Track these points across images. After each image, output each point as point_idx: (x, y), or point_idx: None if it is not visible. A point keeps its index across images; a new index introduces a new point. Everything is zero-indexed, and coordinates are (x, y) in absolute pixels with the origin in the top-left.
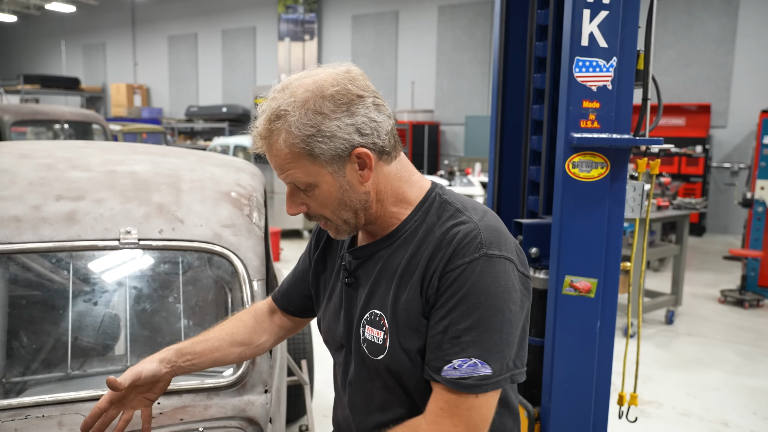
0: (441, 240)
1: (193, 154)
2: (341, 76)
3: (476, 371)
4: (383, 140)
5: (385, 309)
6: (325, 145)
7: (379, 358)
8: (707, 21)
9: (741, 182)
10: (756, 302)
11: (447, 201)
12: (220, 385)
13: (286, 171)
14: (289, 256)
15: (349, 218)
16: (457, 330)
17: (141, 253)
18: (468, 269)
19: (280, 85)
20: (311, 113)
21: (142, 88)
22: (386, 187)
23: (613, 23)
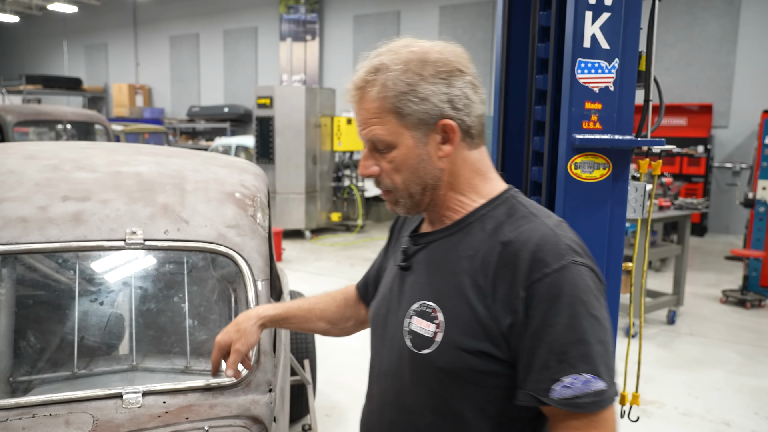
0: (515, 243)
1: (198, 154)
2: (448, 48)
3: (590, 386)
4: (471, 120)
5: (441, 302)
6: (415, 106)
7: (423, 352)
8: (709, 21)
9: (743, 182)
10: (758, 302)
11: (521, 203)
12: (224, 385)
13: (370, 126)
14: (291, 256)
15: (416, 192)
16: (562, 345)
17: (146, 254)
18: (559, 278)
19: (386, 47)
20: (410, 72)
21: (143, 88)
22: (461, 171)
23: (615, 25)
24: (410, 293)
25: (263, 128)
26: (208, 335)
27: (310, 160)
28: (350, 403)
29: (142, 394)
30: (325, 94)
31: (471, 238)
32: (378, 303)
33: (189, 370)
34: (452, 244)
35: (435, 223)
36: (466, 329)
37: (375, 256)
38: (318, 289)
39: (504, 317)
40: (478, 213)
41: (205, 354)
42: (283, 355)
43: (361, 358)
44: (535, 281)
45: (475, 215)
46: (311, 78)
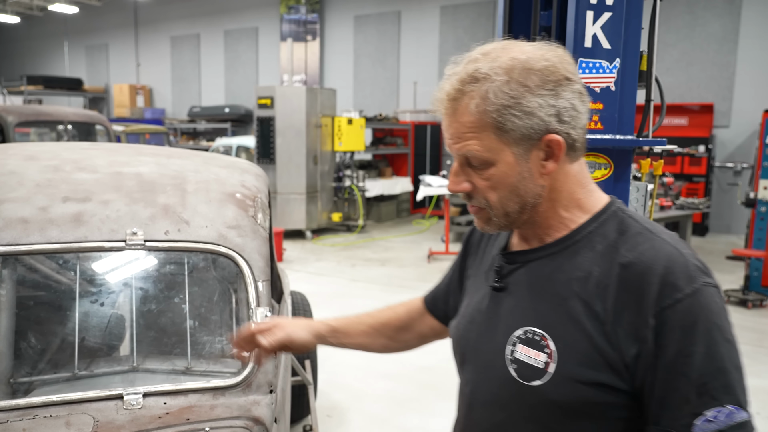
0: (638, 264)
1: (198, 155)
2: (551, 53)
3: (733, 418)
4: (577, 133)
5: (551, 329)
6: (519, 121)
7: (533, 384)
8: (710, 21)
9: (744, 182)
10: (759, 302)
11: (631, 217)
12: (225, 386)
13: (465, 141)
14: (291, 257)
15: (513, 211)
16: (702, 376)
17: (147, 254)
18: (693, 303)
19: (481, 49)
20: (514, 83)
21: (144, 88)
22: (563, 186)
23: (617, 25)
24: (510, 317)
25: (264, 128)
26: (208, 336)
27: (311, 160)
28: (351, 404)
29: (143, 395)
30: (325, 94)
31: (580, 259)
32: (465, 325)
33: (190, 371)
34: (557, 265)
35: (531, 240)
36: (584, 360)
37: (376, 256)
38: (319, 290)
39: (629, 347)
40: (585, 230)
41: (205, 355)
42: (284, 355)
43: (362, 358)
44: (666, 307)
45: (581, 233)
46: (312, 78)
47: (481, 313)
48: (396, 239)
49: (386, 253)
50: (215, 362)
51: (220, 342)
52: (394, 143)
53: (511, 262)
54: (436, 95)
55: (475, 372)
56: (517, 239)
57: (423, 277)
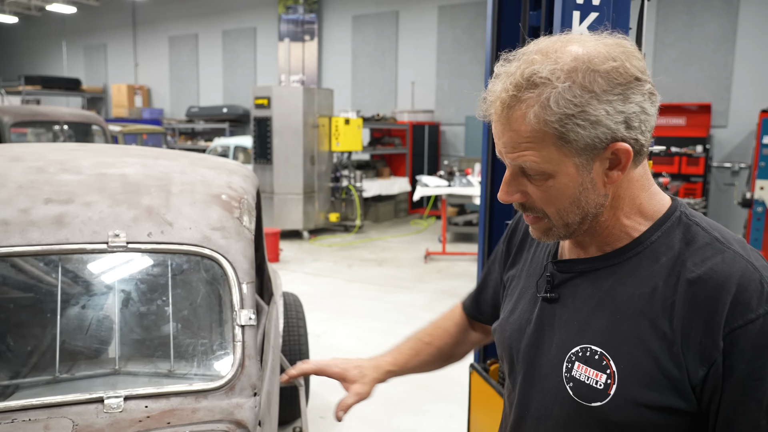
0: (707, 281)
1: (186, 156)
2: (617, 49)
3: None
4: (646, 138)
5: (612, 349)
6: (583, 131)
7: (593, 405)
8: (708, 21)
9: (741, 182)
10: None
11: (698, 224)
12: (208, 389)
13: (521, 151)
14: (288, 257)
15: (573, 222)
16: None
17: (129, 257)
18: (765, 324)
19: (536, 47)
20: (578, 88)
21: (143, 88)
22: (626, 193)
23: (603, 25)
24: (565, 332)
25: (261, 129)
26: (192, 338)
27: (308, 160)
28: None
29: (124, 398)
30: (323, 94)
31: (643, 272)
32: (512, 332)
33: (173, 374)
34: (618, 278)
35: (588, 248)
36: (648, 382)
37: (373, 257)
38: (315, 290)
39: (697, 368)
40: (648, 240)
41: (188, 357)
42: (271, 357)
43: None
44: (737, 328)
45: (643, 243)
46: (310, 78)
47: (531, 323)
48: (393, 239)
49: (383, 253)
50: (198, 365)
51: (204, 345)
52: (392, 143)
53: (564, 271)
54: (487, 98)
55: (527, 383)
56: (569, 244)
57: (420, 277)
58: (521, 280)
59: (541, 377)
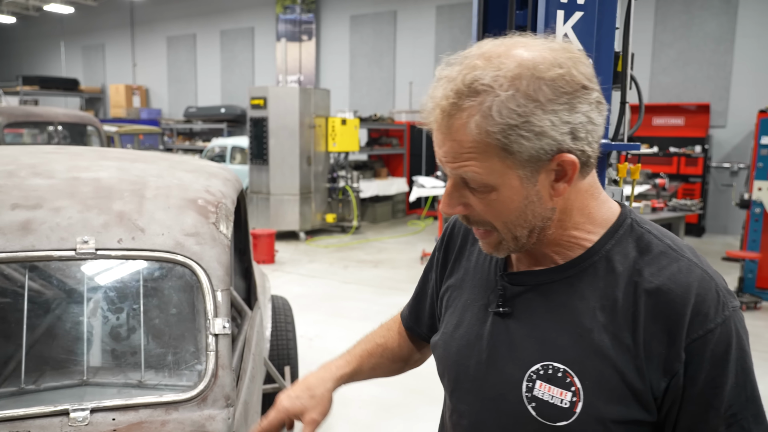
0: (666, 292)
1: (166, 159)
2: (563, 54)
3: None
4: (593, 149)
5: (575, 365)
6: (527, 142)
7: (558, 425)
8: (706, 20)
9: (740, 182)
10: (753, 304)
11: (649, 231)
12: (179, 400)
13: (462, 162)
14: (284, 258)
15: (522, 235)
16: (731, 406)
17: (99, 264)
18: (723, 332)
19: (479, 50)
20: (522, 97)
21: (141, 89)
22: (574, 204)
23: (589, 24)
24: (523, 349)
25: (257, 129)
26: (163, 348)
27: (304, 161)
28: (336, 410)
29: (90, 411)
30: (319, 94)
31: (600, 283)
32: (459, 349)
33: (143, 385)
34: (575, 290)
35: (540, 260)
36: (614, 397)
37: (369, 258)
38: (310, 291)
39: (660, 380)
40: (602, 249)
41: (159, 368)
42: (251, 364)
43: None
44: (697, 339)
45: (598, 252)
46: (308, 78)
47: (481, 338)
48: (390, 240)
49: (380, 254)
50: (170, 375)
51: (176, 355)
52: (390, 143)
53: (516, 284)
54: (426, 104)
55: (477, 403)
56: (519, 255)
57: (415, 278)
58: (464, 291)
59: (494, 397)
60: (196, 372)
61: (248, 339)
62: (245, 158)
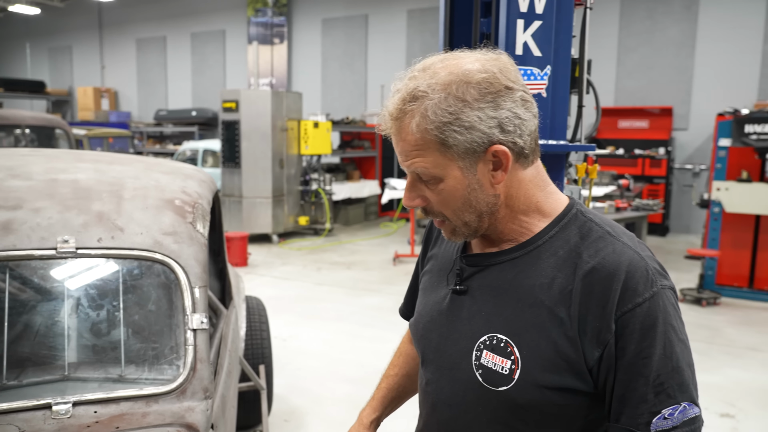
0: (600, 270)
1: (142, 161)
2: (490, 62)
3: (686, 414)
4: (524, 141)
5: (516, 336)
6: (461, 136)
7: (500, 389)
8: (669, 26)
9: (701, 183)
10: (713, 300)
11: (591, 220)
12: (159, 392)
13: (412, 159)
14: (257, 261)
15: (471, 221)
16: (659, 376)
17: (79, 262)
18: (651, 306)
19: (421, 65)
20: (452, 98)
21: (109, 91)
22: (518, 192)
23: (547, 32)
24: (474, 322)
25: (229, 132)
26: (143, 343)
27: (276, 163)
28: (310, 408)
29: (73, 404)
30: (291, 97)
31: (543, 264)
32: (425, 324)
33: (123, 379)
34: (520, 270)
35: (494, 244)
36: (548, 365)
37: (342, 260)
38: (283, 294)
39: (593, 350)
40: (546, 235)
41: (139, 362)
42: (227, 360)
43: (322, 361)
44: (626, 312)
45: (543, 237)
46: (280, 81)
47: (442, 314)
48: (363, 242)
49: (353, 256)
50: (149, 369)
51: (155, 349)
52: (362, 146)
53: (472, 265)
54: (381, 114)
55: (438, 373)
56: (476, 240)
57: (388, 280)
58: (433, 275)
59: (450, 366)
60: (175, 366)
61: (224, 337)
62: (217, 161)
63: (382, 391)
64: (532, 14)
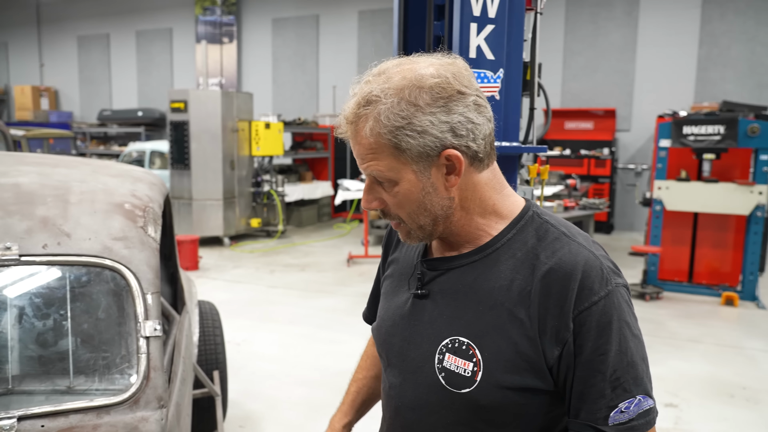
0: (557, 271)
1: (88, 164)
2: (445, 67)
3: (641, 407)
4: (478, 145)
5: (477, 339)
6: (413, 140)
7: (463, 392)
8: (611, 31)
9: (643, 182)
10: (656, 294)
11: (548, 222)
12: (111, 403)
13: (368, 162)
14: (208, 264)
15: (426, 224)
16: (615, 371)
17: (23, 270)
18: (606, 304)
19: (377, 69)
20: (404, 103)
21: (49, 90)
22: (474, 195)
23: (500, 36)
24: (435, 326)
25: (178, 133)
26: (93, 353)
27: (227, 165)
28: (266, 413)
29: (18, 418)
30: (242, 98)
31: (502, 267)
32: (387, 329)
33: (73, 391)
34: (480, 273)
35: (453, 247)
36: (509, 367)
37: (296, 262)
38: (235, 297)
39: (552, 349)
40: (504, 237)
41: (89, 373)
42: (181, 368)
43: (277, 365)
44: (583, 310)
45: (500, 240)
46: (229, 81)
47: (404, 318)
48: (317, 244)
49: (306, 258)
50: (100, 380)
51: (106, 359)
52: (314, 147)
53: (432, 269)
54: (339, 117)
55: (401, 376)
56: (436, 244)
57: (342, 281)
58: (394, 280)
59: (413, 370)
60: (128, 375)
61: (177, 343)
62: (165, 163)
63: (351, 395)
64: (485, 18)
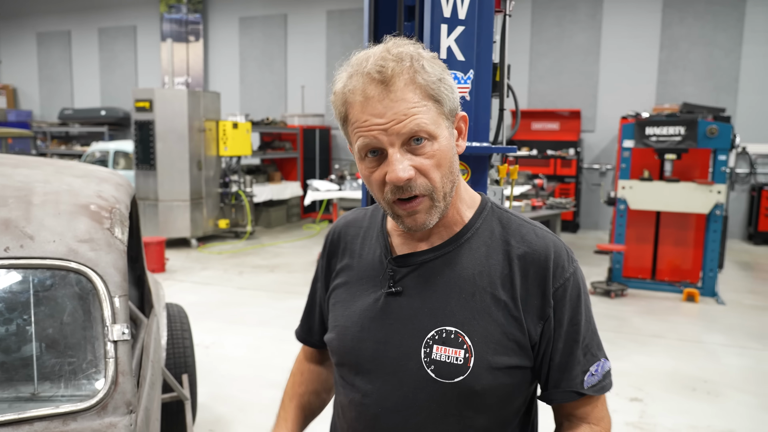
0: (534, 254)
1: (51, 164)
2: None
3: (604, 368)
4: None
5: (464, 326)
6: (448, 95)
7: (456, 380)
8: (576, 33)
9: (608, 182)
10: (620, 292)
11: (506, 211)
12: (77, 410)
13: (412, 115)
14: (175, 266)
15: (448, 193)
16: (586, 339)
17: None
18: (573, 281)
19: (373, 51)
20: (435, 61)
21: (7, 88)
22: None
23: (470, 38)
24: (417, 320)
25: (143, 133)
26: (59, 358)
27: (194, 165)
28: (235, 416)
29: None
30: (209, 97)
31: (475, 254)
32: (354, 335)
33: (37, 397)
34: (455, 263)
35: (422, 240)
36: (499, 348)
37: (265, 263)
38: (204, 300)
39: (536, 326)
40: (474, 226)
41: (55, 379)
42: (150, 372)
43: (247, 368)
44: (559, 287)
45: (471, 228)
46: (196, 80)
47: (374, 320)
48: (286, 245)
49: (276, 259)
50: (67, 386)
51: (72, 364)
52: (283, 147)
53: (403, 265)
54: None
55: (379, 381)
56: (399, 242)
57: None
58: (353, 286)
59: (395, 370)
60: (95, 380)
61: (146, 347)
62: (130, 163)
63: (294, 411)
64: (456, 20)
